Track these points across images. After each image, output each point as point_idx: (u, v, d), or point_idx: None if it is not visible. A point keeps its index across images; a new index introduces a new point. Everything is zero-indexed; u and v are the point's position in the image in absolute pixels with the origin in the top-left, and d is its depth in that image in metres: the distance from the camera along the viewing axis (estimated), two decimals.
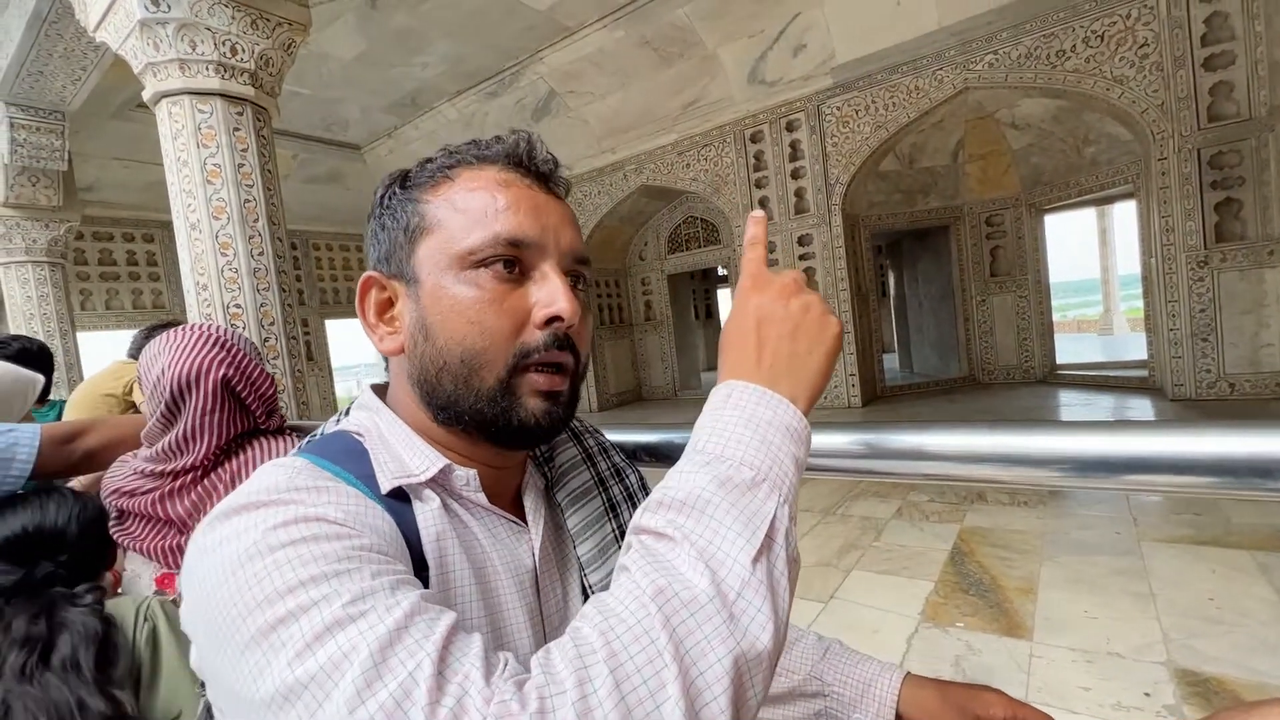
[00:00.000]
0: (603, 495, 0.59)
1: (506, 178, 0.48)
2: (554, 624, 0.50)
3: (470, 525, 0.47)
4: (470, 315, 0.45)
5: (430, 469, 0.46)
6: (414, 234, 0.48)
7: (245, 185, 2.43)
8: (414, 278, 0.47)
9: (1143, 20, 5.11)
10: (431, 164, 0.50)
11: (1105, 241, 13.10)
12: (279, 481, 0.40)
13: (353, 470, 0.44)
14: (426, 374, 0.47)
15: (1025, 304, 7.32)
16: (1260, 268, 4.95)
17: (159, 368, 1.03)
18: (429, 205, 0.48)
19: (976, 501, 3.69)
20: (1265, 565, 2.56)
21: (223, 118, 2.39)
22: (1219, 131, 4.95)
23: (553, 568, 0.52)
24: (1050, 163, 6.84)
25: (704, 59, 6.78)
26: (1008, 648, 2.20)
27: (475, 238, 0.45)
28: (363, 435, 0.49)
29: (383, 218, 0.50)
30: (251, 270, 2.43)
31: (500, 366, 0.46)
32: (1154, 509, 3.33)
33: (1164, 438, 0.48)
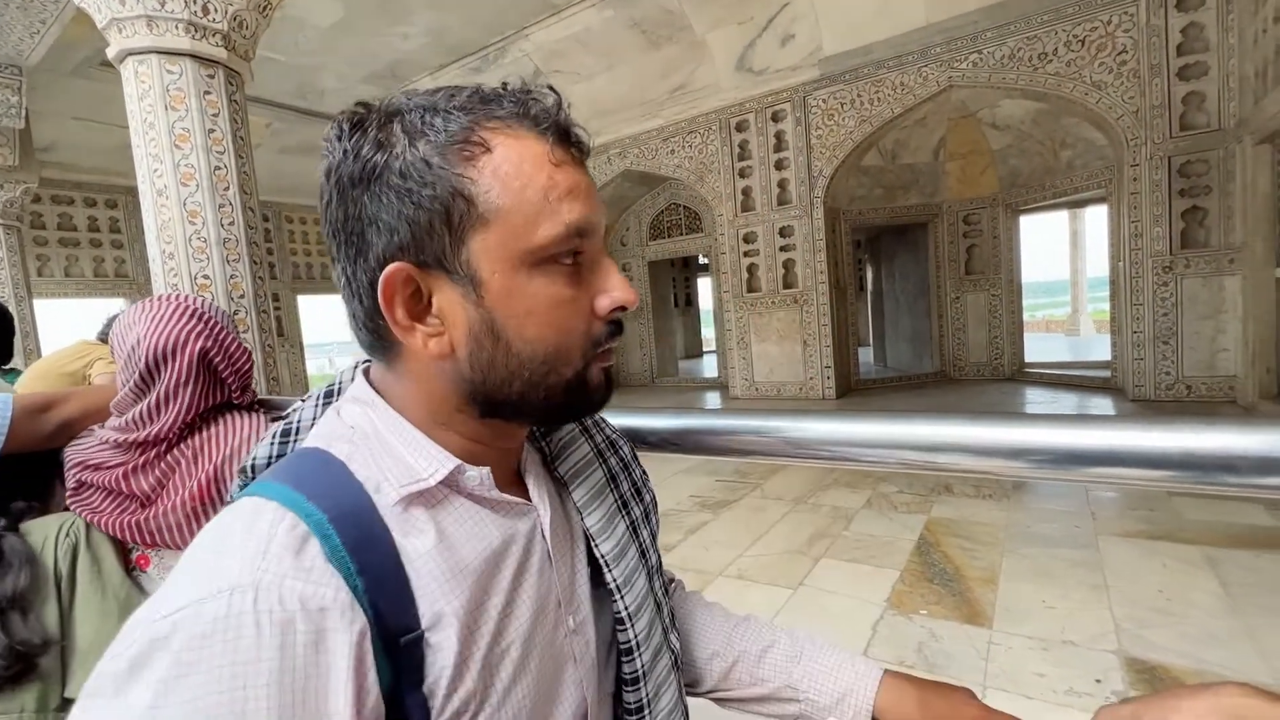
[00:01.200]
0: (603, 466, 0.59)
1: (558, 155, 0.43)
2: (567, 597, 0.50)
3: (477, 527, 0.44)
4: (549, 317, 0.43)
5: (439, 471, 0.43)
6: (461, 221, 0.40)
7: (216, 151, 2.34)
8: (470, 274, 0.41)
9: (1123, 27, 5.20)
10: (448, 120, 0.41)
11: (1076, 244, 13.42)
12: (231, 574, 0.34)
13: (334, 506, 0.39)
14: (491, 378, 0.43)
15: (997, 302, 7.47)
16: (1221, 275, 5.12)
17: (134, 337, 1.00)
18: (474, 185, 0.40)
19: (944, 493, 3.78)
20: (1213, 559, 2.67)
21: (193, 80, 2.29)
22: (1189, 140, 5.08)
23: (560, 542, 0.51)
24: (1027, 164, 6.96)
25: (692, 44, 6.72)
26: (969, 635, 2.26)
27: (547, 231, 0.41)
28: (351, 443, 0.44)
29: (397, 190, 0.40)
30: (221, 240, 2.35)
31: (578, 361, 0.45)
32: (1112, 504, 3.45)
33: (1134, 432, 0.49)
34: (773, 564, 2.99)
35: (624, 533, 0.56)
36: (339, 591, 0.35)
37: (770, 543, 3.26)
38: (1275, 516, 3.08)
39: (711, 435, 0.74)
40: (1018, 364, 7.44)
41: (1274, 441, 0.43)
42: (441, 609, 0.40)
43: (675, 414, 0.77)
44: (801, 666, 0.65)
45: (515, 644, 0.44)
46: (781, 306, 7.22)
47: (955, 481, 3.95)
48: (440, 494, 0.44)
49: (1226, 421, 0.45)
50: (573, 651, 0.49)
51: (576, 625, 0.50)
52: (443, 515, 0.43)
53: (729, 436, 0.72)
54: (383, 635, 0.36)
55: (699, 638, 0.69)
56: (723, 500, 4.07)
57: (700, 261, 13.01)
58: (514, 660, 0.43)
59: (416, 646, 0.38)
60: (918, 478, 4.10)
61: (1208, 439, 0.45)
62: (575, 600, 0.51)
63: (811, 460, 0.68)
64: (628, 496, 0.60)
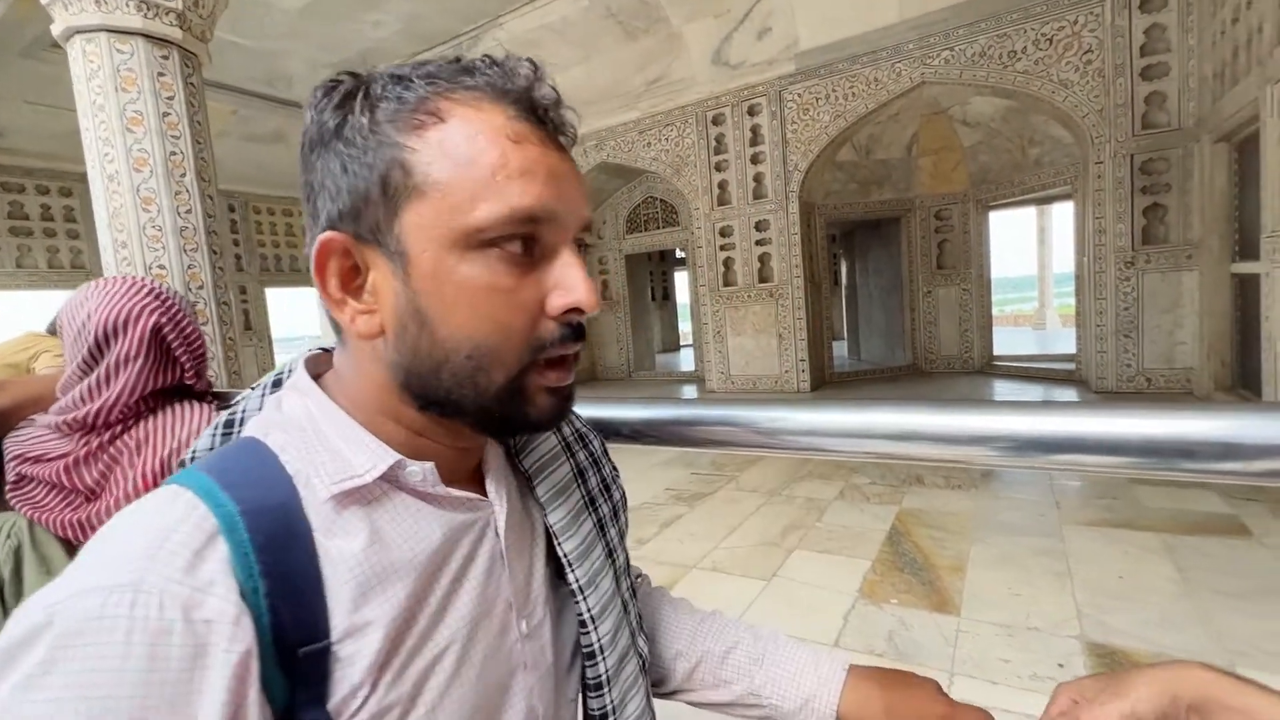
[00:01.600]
0: (570, 461, 0.57)
1: (518, 130, 0.39)
2: (521, 599, 0.47)
3: (416, 523, 0.42)
4: (481, 307, 0.38)
5: (377, 466, 0.40)
6: (396, 193, 0.38)
7: (171, 136, 2.25)
8: (400, 250, 0.38)
9: (1089, 27, 5.31)
10: (407, 89, 0.38)
11: (1043, 240, 13.73)
12: (115, 570, 0.31)
13: (250, 499, 0.36)
14: (419, 367, 0.40)
15: (968, 297, 7.61)
16: (1179, 270, 5.27)
17: (85, 313, 0.95)
18: (415, 155, 0.37)
19: (915, 484, 3.84)
20: (1171, 546, 2.76)
21: (145, 60, 2.19)
22: (1151, 139, 5.22)
23: (522, 542, 0.49)
24: (997, 161, 7.08)
25: (669, 36, 6.69)
26: (937, 623, 2.30)
27: (486, 212, 0.37)
28: (285, 432, 0.42)
29: (342, 156, 0.38)
30: (177, 229, 2.26)
31: (513, 364, 0.40)
32: (1075, 493, 3.54)
33: (1097, 419, 0.49)
34: (747, 556, 3.01)
35: (589, 531, 0.54)
36: (227, 604, 0.32)
37: (745, 535, 3.27)
38: (1229, 504, 3.19)
39: (685, 426, 0.72)
40: (987, 357, 7.60)
41: (1230, 427, 0.43)
42: (365, 617, 0.37)
43: (648, 404, 0.76)
44: (764, 670, 0.64)
45: (449, 651, 0.41)
46: (757, 300, 7.26)
47: (926, 472, 4.01)
48: (378, 490, 0.41)
49: (1184, 407, 0.45)
50: (524, 658, 0.46)
51: (530, 629, 0.47)
52: (379, 513, 0.40)
53: (703, 427, 0.71)
54: (280, 646, 0.34)
55: (663, 636, 0.68)
56: (698, 493, 4.08)
57: (677, 255, 13.02)
58: (446, 669, 0.40)
59: (320, 659, 0.35)
60: (890, 469, 4.16)
61: (1167, 425, 0.46)
62: (530, 602, 0.48)
63: (784, 451, 0.67)
64: (595, 493, 0.57)
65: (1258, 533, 2.83)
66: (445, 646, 0.41)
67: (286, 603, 0.34)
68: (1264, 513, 3.03)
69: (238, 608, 0.32)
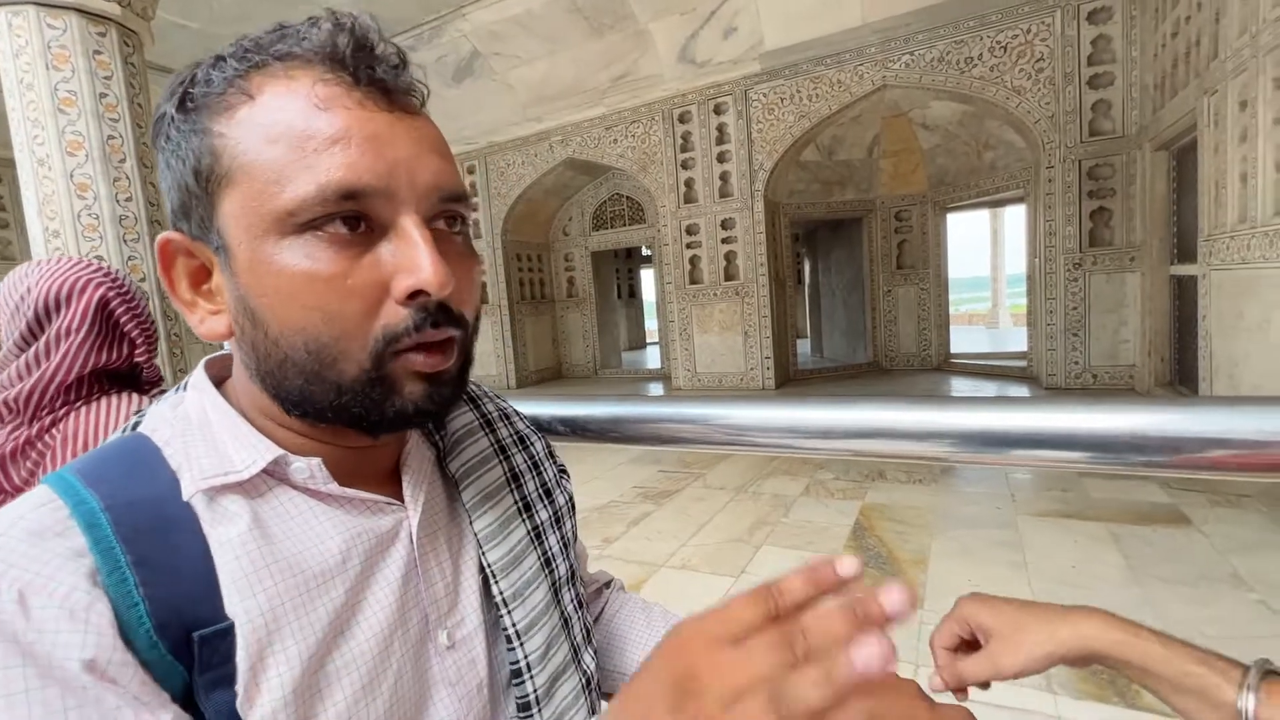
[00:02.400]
0: (504, 464, 0.54)
1: (328, 93, 0.34)
2: (441, 610, 0.44)
3: (307, 524, 0.39)
4: (306, 299, 0.34)
5: (257, 462, 0.37)
6: (210, 182, 0.35)
7: (109, 119, 2.11)
8: (222, 243, 0.35)
9: (1040, 36, 5.50)
10: (221, 70, 0.35)
11: (996, 242, 14.23)
12: None
13: (114, 493, 0.34)
14: (265, 366, 0.37)
15: (926, 296, 7.81)
16: (1123, 271, 5.52)
17: (25, 286, 0.87)
18: (223, 139, 0.34)
19: (878, 479, 3.92)
20: (1117, 535, 2.88)
21: (79, 37, 2.05)
22: (1097, 145, 5.44)
23: (441, 548, 0.46)
24: (954, 164, 7.29)
25: (636, 33, 6.66)
26: None
27: (294, 192, 0.33)
28: (173, 427, 0.40)
29: (164, 153, 0.37)
30: (116, 217, 2.13)
31: (361, 356, 0.36)
32: (1028, 486, 3.66)
33: (1047, 415, 0.51)
34: (715, 553, 3.01)
35: (520, 539, 0.51)
36: (73, 590, 0.30)
37: (712, 532, 3.28)
38: (1170, 495, 3.34)
39: (654, 424, 0.71)
40: (944, 354, 7.82)
41: (1177, 421, 0.44)
42: (246, 607, 0.34)
43: (617, 401, 0.74)
44: None
45: (356, 665, 0.38)
46: (723, 298, 7.30)
47: (888, 468, 4.10)
48: (263, 486, 0.38)
49: (1129, 403, 0.46)
50: (445, 673, 0.43)
51: (455, 642, 0.44)
52: (263, 507, 0.38)
53: (672, 425, 0.69)
54: (165, 633, 0.32)
55: (632, 644, 0.65)
56: (666, 490, 4.07)
57: (644, 253, 13.01)
58: (353, 684, 0.37)
59: (219, 641, 0.33)
60: (853, 465, 4.24)
61: (1112, 421, 0.47)
62: (458, 613, 0.45)
63: (754, 449, 0.66)
64: (532, 498, 0.54)
65: (1196, 521, 2.97)
66: (351, 660, 0.38)
67: (167, 590, 0.32)
68: (1202, 502, 3.19)
69: (88, 595, 0.30)
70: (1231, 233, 3.70)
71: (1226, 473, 0.44)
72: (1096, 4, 5.26)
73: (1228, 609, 2.23)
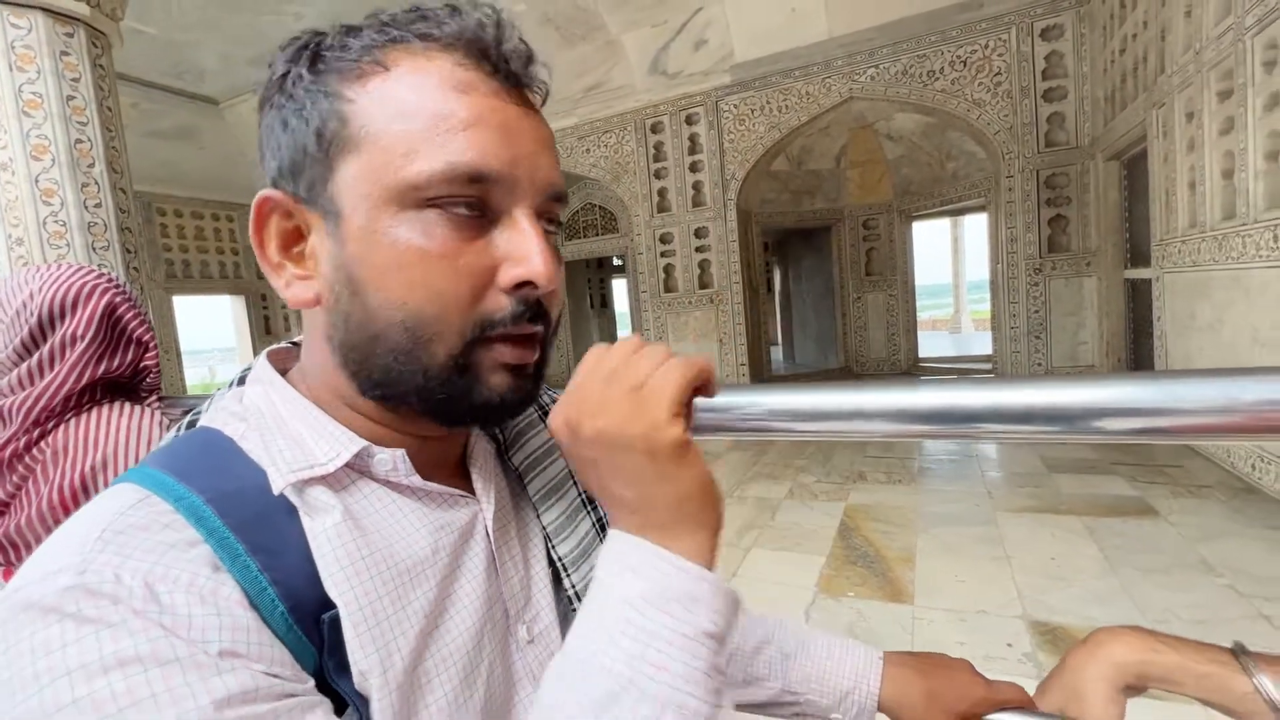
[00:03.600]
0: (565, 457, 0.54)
1: (466, 78, 0.35)
2: (519, 604, 0.43)
3: (394, 516, 0.38)
4: (415, 273, 0.34)
5: (341, 455, 0.37)
6: (332, 145, 0.35)
7: (77, 122, 2.02)
8: (334, 208, 0.35)
9: (997, 51, 5.73)
10: (357, 38, 0.36)
11: (957, 250, 14.71)
12: (78, 550, 0.29)
13: (212, 486, 0.33)
14: (353, 339, 0.36)
15: (894, 302, 8.01)
16: (1080, 276, 5.76)
17: (26, 292, 0.83)
18: (353, 105, 0.34)
19: (858, 480, 3.98)
20: (1092, 528, 2.98)
21: (45, 37, 1.96)
22: (1053, 156, 5.69)
23: (512, 541, 0.45)
24: (918, 174, 7.52)
25: (607, 44, 6.71)
26: (893, 613, 2.38)
27: (423, 166, 0.33)
28: (244, 421, 0.38)
29: (283, 110, 0.36)
30: (85, 224, 2.03)
31: (455, 340, 0.36)
32: (1003, 483, 3.77)
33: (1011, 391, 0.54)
34: None
35: (587, 532, 0.50)
36: (196, 576, 0.29)
37: None
38: (1135, 487, 3.48)
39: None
40: (913, 359, 8.02)
41: (1124, 393, 0.48)
42: (349, 596, 0.34)
43: None
44: (798, 665, 0.63)
45: (454, 659, 0.37)
46: (698, 306, 7.35)
47: (868, 469, 4.17)
48: (346, 480, 0.38)
49: (1085, 378, 0.50)
50: (528, 668, 0.43)
51: (534, 636, 0.44)
52: (351, 500, 0.37)
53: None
54: (298, 615, 0.32)
55: None
56: None
57: (615, 263, 13.03)
58: (452, 678, 0.37)
59: (338, 626, 0.33)
60: (833, 467, 4.30)
61: (1072, 394, 0.51)
62: (533, 607, 0.44)
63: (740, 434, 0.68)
64: None
65: (1163, 511, 3.10)
66: (450, 656, 0.37)
67: (286, 575, 0.32)
68: (1166, 494, 3.33)
69: (212, 580, 0.30)
70: (1183, 237, 3.90)
71: (1181, 438, 0.48)
72: (1049, 22, 5.52)
73: (1200, 594, 2.32)
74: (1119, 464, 3.90)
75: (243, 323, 9.46)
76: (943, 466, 4.29)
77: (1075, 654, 0.56)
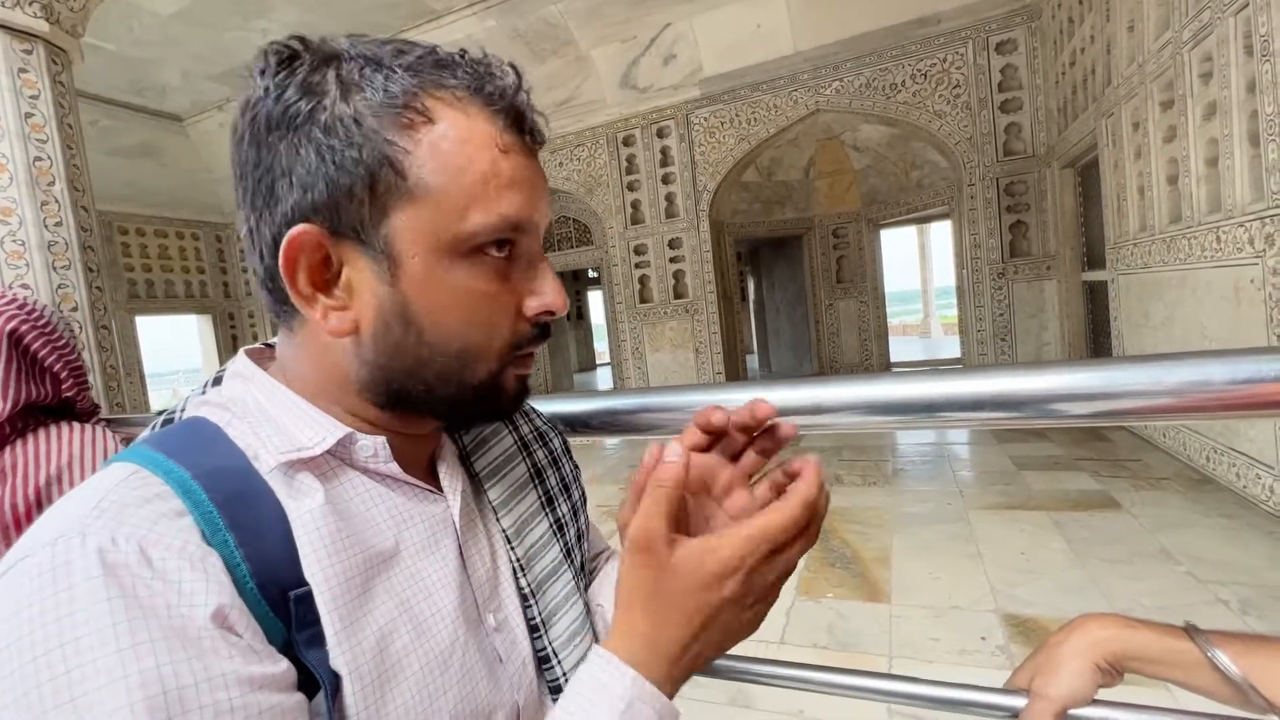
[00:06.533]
0: (526, 461, 0.56)
1: (507, 141, 0.39)
2: (484, 594, 0.47)
3: (371, 504, 0.41)
4: (470, 312, 0.40)
5: (326, 439, 0.39)
6: (387, 193, 0.36)
7: (36, 140, 1.98)
8: (386, 251, 0.37)
9: (956, 65, 5.94)
10: (389, 80, 0.37)
11: (924, 257, 15.07)
12: (56, 527, 0.31)
13: (199, 464, 0.35)
14: (396, 364, 0.40)
15: (865, 309, 8.17)
16: (1041, 279, 5.96)
17: None
18: (409, 157, 0.36)
19: (834, 483, 4.04)
20: (1059, 523, 3.07)
21: (3, 54, 1.92)
22: (1011, 165, 5.89)
23: (479, 537, 0.48)
24: (884, 183, 7.72)
25: (577, 59, 6.78)
26: (872, 612, 2.41)
27: (478, 221, 0.38)
28: (228, 410, 0.40)
29: (319, 145, 0.36)
30: (45, 243, 1.98)
31: (494, 361, 0.42)
32: (974, 482, 3.86)
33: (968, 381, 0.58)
34: None
35: (544, 533, 0.54)
36: (187, 544, 0.31)
37: None
38: (1099, 481, 3.60)
39: (650, 413, 0.72)
40: (885, 363, 8.17)
41: (1086, 379, 0.52)
42: (327, 574, 0.36)
43: (610, 396, 0.75)
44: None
45: (427, 641, 0.40)
46: (674, 316, 7.41)
47: (843, 471, 4.23)
48: (328, 464, 0.41)
49: (1043, 366, 0.54)
50: (497, 650, 0.46)
51: (499, 624, 0.47)
52: (332, 486, 0.40)
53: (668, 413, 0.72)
54: (266, 592, 0.33)
55: None
56: None
57: (590, 275, 13.06)
58: (426, 658, 0.39)
59: (310, 602, 0.35)
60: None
61: (1033, 382, 0.55)
62: (498, 597, 0.48)
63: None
64: (554, 493, 0.57)
65: (1125, 504, 3.21)
66: (423, 634, 0.40)
67: (261, 552, 0.34)
68: (1127, 487, 3.45)
69: (200, 548, 0.32)
70: (1134, 241, 4.08)
71: (1137, 419, 0.52)
72: (1003, 36, 5.74)
73: (1161, 582, 2.41)
74: (1083, 460, 4.02)
75: (210, 342, 9.23)
76: (916, 468, 4.37)
77: (1054, 634, 0.58)
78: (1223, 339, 3.11)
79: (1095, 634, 0.55)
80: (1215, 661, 0.48)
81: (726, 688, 1.90)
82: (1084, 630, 0.56)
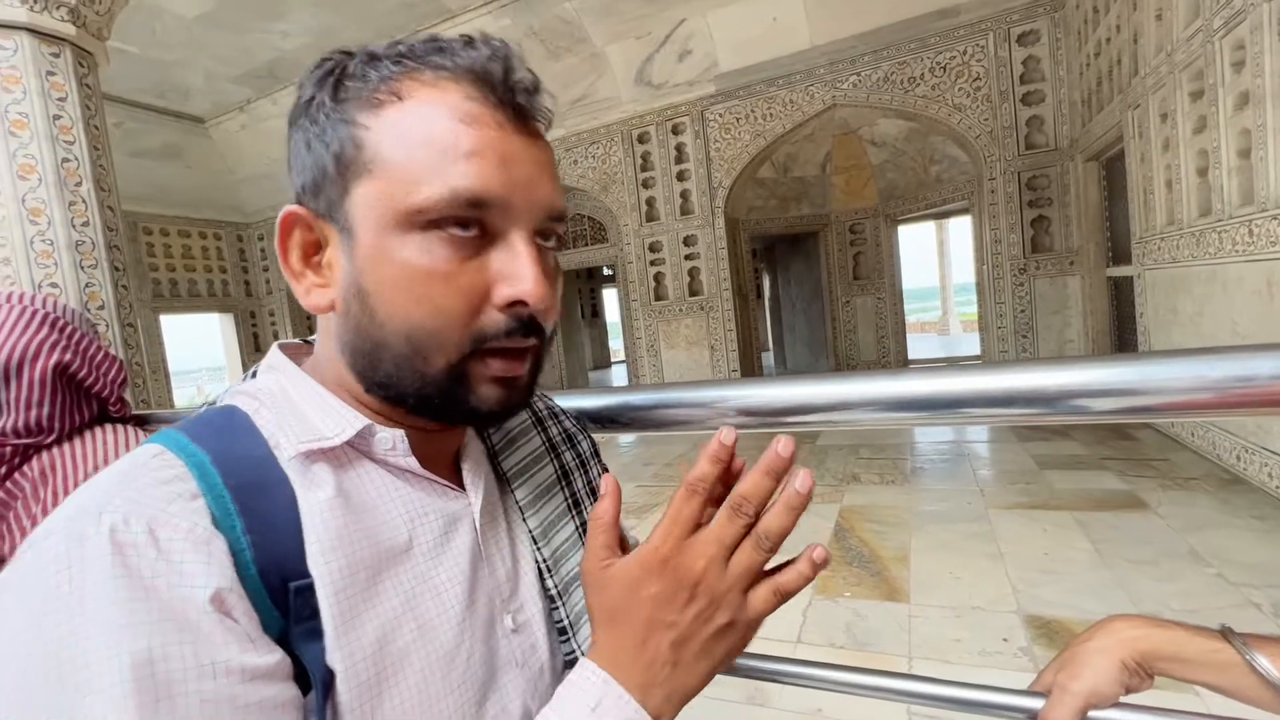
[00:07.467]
0: (554, 462, 0.56)
1: (473, 111, 0.37)
2: (504, 594, 0.46)
3: (385, 498, 0.41)
4: (418, 290, 0.37)
5: (345, 431, 0.40)
6: (348, 169, 0.38)
7: (64, 141, 2.02)
8: (347, 226, 0.38)
9: (976, 57, 5.84)
10: (375, 67, 0.38)
11: (943, 253, 14.86)
12: (80, 504, 0.32)
13: (220, 449, 0.36)
14: (360, 345, 0.40)
15: (883, 305, 8.09)
16: (1064, 275, 5.84)
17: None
18: (367, 132, 0.37)
19: (853, 482, 4.00)
20: (1082, 522, 3.01)
21: (31, 57, 1.97)
22: (1033, 158, 5.78)
23: (501, 536, 0.48)
24: (903, 178, 7.62)
25: (592, 56, 6.77)
26: (890, 611, 2.39)
27: (427, 193, 0.36)
28: (258, 400, 0.41)
29: (307, 133, 0.39)
30: (73, 243, 2.02)
31: (452, 351, 0.38)
32: (994, 481, 3.80)
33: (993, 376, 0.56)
34: None
35: (570, 535, 0.53)
36: (195, 526, 0.32)
37: None
38: (1124, 480, 3.53)
39: (656, 409, 0.72)
40: (903, 360, 8.08)
41: (1101, 374, 0.50)
42: (331, 567, 0.36)
43: (620, 392, 0.75)
44: None
45: (430, 639, 0.39)
46: (689, 314, 7.39)
47: (861, 470, 4.19)
48: (347, 456, 0.41)
49: (1069, 361, 0.52)
50: (513, 655, 0.45)
51: (518, 625, 0.46)
52: (346, 477, 0.40)
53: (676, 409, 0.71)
54: (267, 580, 0.34)
55: None
56: (645, 505, 4.06)
57: (605, 273, 13.07)
58: (427, 656, 0.39)
59: (310, 594, 0.35)
60: (826, 469, 4.31)
61: (1058, 377, 0.52)
62: (518, 598, 0.47)
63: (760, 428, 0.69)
64: (581, 495, 0.56)
65: (1152, 504, 3.14)
66: (427, 631, 0.39)
67: (268, 540, 0.34)
68: (1154, 487, 3.38)
69: (208, 530, 0.32)
70: (1162, 235, 3.98)
71: (1176, 415, 0.50)
72: (1025, 28, 5.63)
73: (1190, 584, 2.35)
74: (1108, 459, 3.94)
75: (231, 340, 9.39)
76: (935, 466, 4.32)
77: (1082, 634, 0.57)
78: (1255, 334, 3.03)
79: (1124, 632, 0.53)
80: (1255, 665, 0.46)
81: (744, 686, 1.89)
82: (1112, 629, 0.55)
